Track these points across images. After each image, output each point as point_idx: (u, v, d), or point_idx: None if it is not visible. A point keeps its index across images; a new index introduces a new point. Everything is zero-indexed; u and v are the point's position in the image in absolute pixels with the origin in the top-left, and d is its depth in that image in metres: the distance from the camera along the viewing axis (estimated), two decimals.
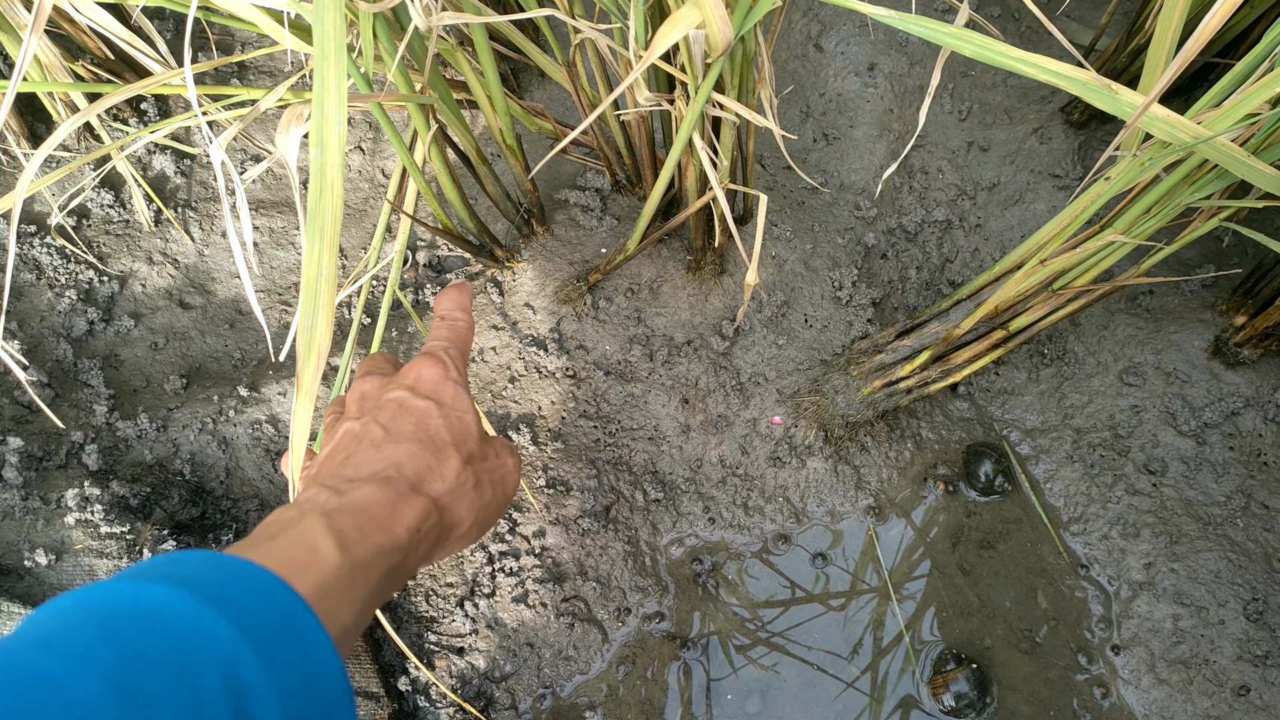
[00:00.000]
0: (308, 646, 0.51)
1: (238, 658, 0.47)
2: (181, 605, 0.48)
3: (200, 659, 0.45)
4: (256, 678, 0.47)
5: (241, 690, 0.46)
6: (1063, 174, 1.55)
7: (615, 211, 1.48)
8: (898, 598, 1.39)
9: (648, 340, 1.43)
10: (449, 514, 0.74)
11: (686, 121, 1.06)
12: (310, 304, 0.76)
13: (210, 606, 0.48)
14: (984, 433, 1.48)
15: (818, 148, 1.60)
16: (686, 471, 1.43)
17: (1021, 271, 1.22)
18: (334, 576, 0.58)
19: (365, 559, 0.61)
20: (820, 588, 1.40)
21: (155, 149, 1.54)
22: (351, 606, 0.58)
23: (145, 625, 0.46)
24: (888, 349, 1.37)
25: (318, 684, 0.50)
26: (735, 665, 1.36)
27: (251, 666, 0.47)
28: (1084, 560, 1.40)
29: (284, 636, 0.50)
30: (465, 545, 0.80)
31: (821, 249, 1.48)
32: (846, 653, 1.37)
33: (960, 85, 1.61)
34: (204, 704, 0.44)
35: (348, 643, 0.59)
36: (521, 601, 1.35)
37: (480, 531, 0.81)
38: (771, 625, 1.38)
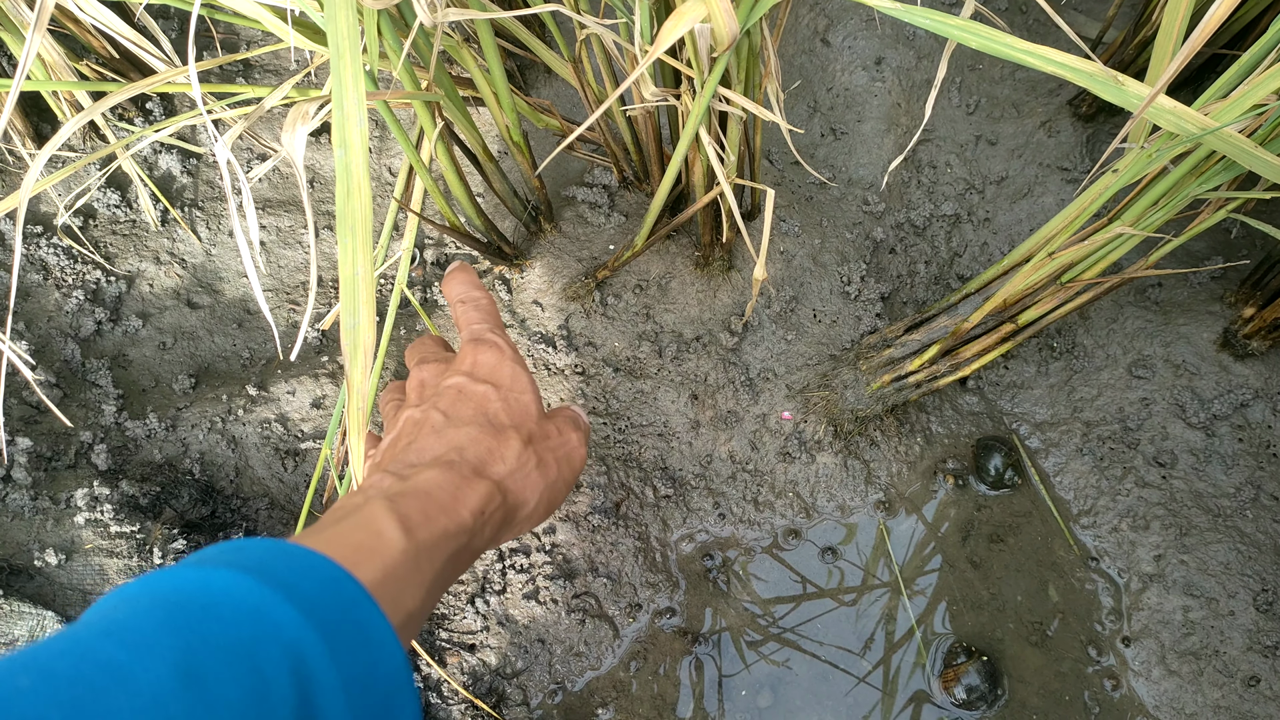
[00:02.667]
0: (369, 634, 0.51)
1: (303, 643, 0.47)
2: (247, 591, 0.48)
3: (266, 644, 0.46)
4: (322, 664, 0.47)
5: (307, 676, 0.46)
6: (1071, 167, 1.55)
7: (623, 208, 1.47)
8: (908, 592, 1.39)
9: (656, 336, 1.43)
10: (513, 495, 0.74)
11: (693, 116, 1.06)
12: (350, 303, 0.76)
13: (276, 592, 0.48)
14: (994, 426, 1.47)
15: (825, 143, 1.60)
16: (696, 467, 1.43)
17: (1030, 265, 1.22)
18: (399, 561, 0.58)
19: (429, 542, 0.61)
20: (831, 582, 1.40)
21: (161, 148, 1.54)
22: (417, 591, 0.59)
23: (211, 611, 0.46)
24: (896, 343, 1.37)
25: (379, 671, 0.51)
26: (747, 660, 1.36)
27: (317, 652, 0.47)
28: (1094, 553, 1.39)
29: (348, 624, 0.50)
30: (534, 525, 0.80)
31: (830, 244, 1.48)
32: (858, 647, 1.37)
33: (968, 79, 1.61)
34: (270, 689, 0.44)
35: (414, 627, 0.59)
36: (532, 598, 1.35)
37: (548, 510, 0.81)
38: (783, 620, 1.38)
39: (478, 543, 0.68)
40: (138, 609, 0.45)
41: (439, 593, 0.64)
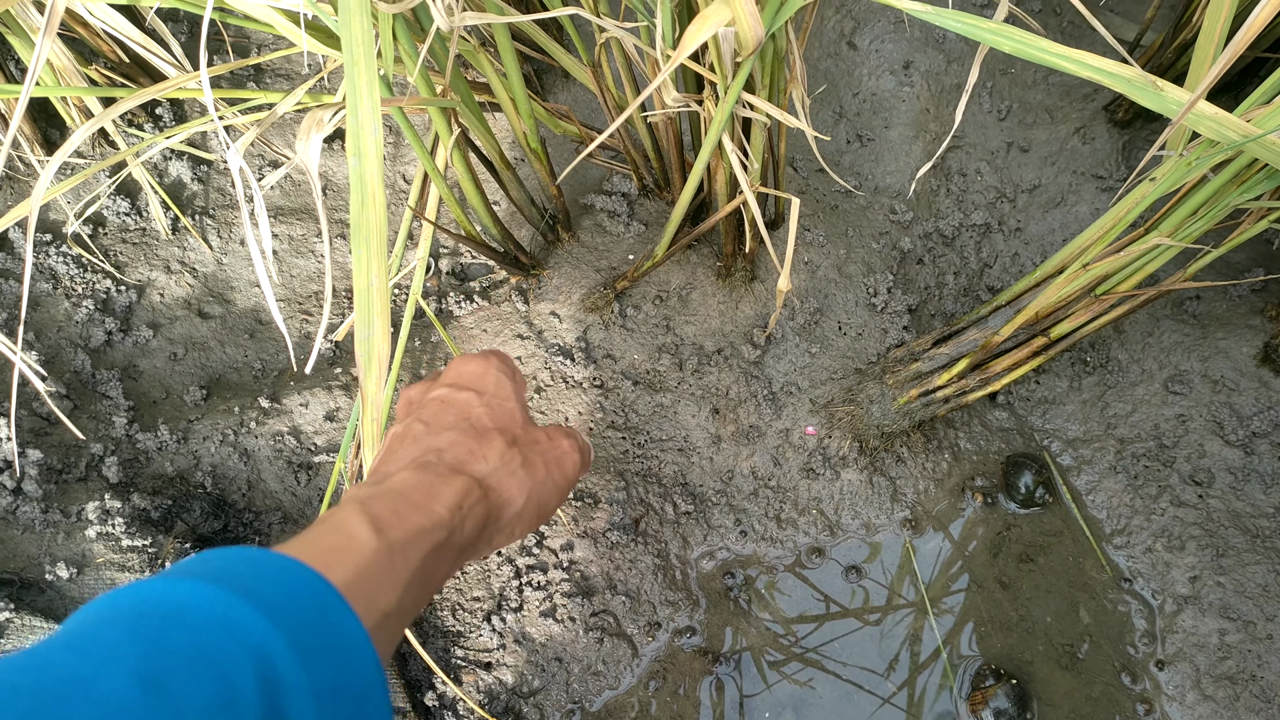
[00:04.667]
0: (340, 636, 0.51)
1: (270, 648, 0.46)
2: (211, 599, 0.48)
3: (231, 650, 0.45)
4: (289, 667, 0.46)
5: (274, 680, 0.46)
6: (1106, 175, 1.50)
7: (643, 217, 1.44)
8: (935, 612, 1.35)
9: (677, 349, 1.40)
10: (496, 493, 0.72)
11: (716, 123, 1.03)
12: (365, 314, 0.75)
13: (241, 599, 0.48)
14: (1024, 443, 1.43)
15: (852, 149, 1.56)
16: (717, 483, 1.39)
17: (1063, 276, 1.18)
18: (371, 560, 0.57)
19: (403, 540, 0.60)
20: (855, 602, 1.36)
21: (171, 155, 1.51)
22: (393, 589, 0.57)
23: (174, 621, 0.46)
24: (924, 357, 1.33)
25: (350, 673, 0.50)
26: (768, 680, 1.33)
27: (284, 656, 0.46)
28: (1127, 574, 1.35)
29: (317, 627, 0.50)
30: (527, 527, 0.77)
31: (856, 254, 1.44)
32: (882, 668, 1.33)
33: (1000, 83, 1.57)
34: (236, 695, 0.44)
35: (394, 627, 0.58)
36: (549, 616, 1.32)
37: (540, 513, 0.78)
38: (805, 640, 1.35)
39: (459, 539, 0.65)
40: (101, 621, 0.45)
41: (421, 593, 0.62)
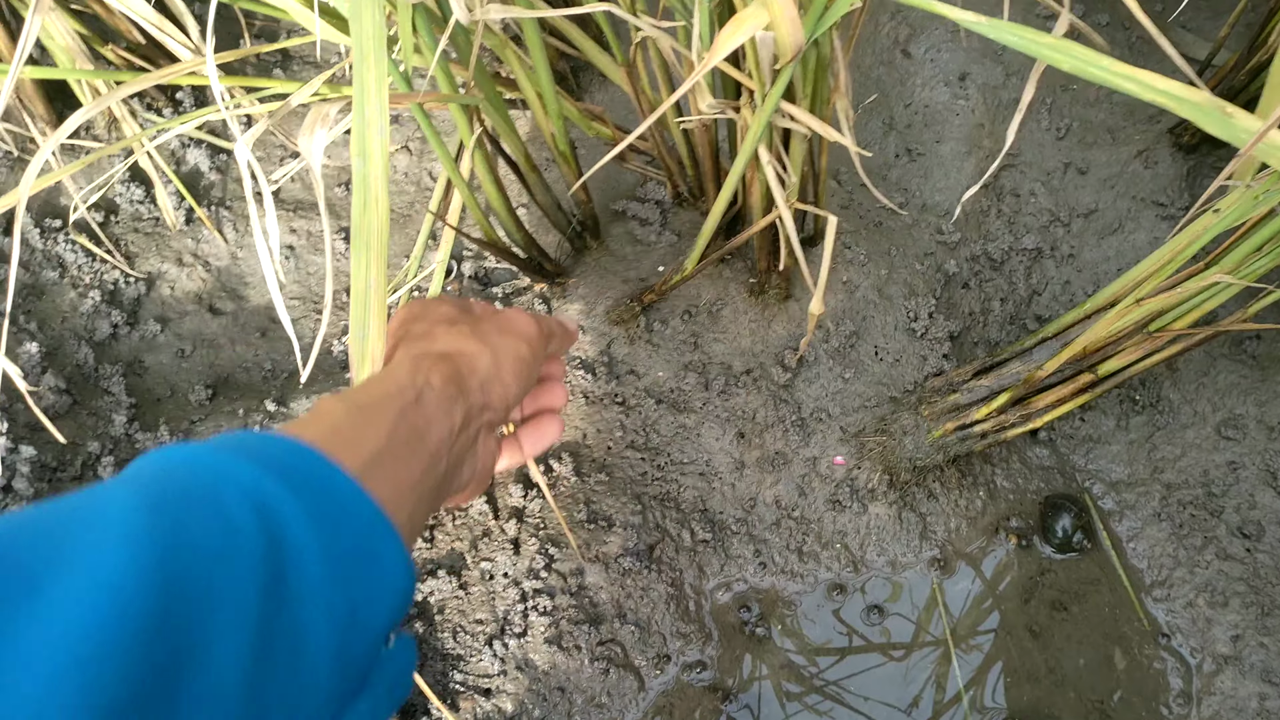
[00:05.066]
0: (325, 482, 0.50)
1: (261, 485, 0.46)
2: (199, 452, 0.48)
3: (226, 486, 0.45)
4: (283, 498, 0.46)
5: (270, 510, 0.45)
6: (1167, 203, 1.42)
7: (676, 226, 1.38)
8: (960, 658, 1.28)
9: (704, 368, 1.34)
10: (453, 356, 0.69)
11: (752, 132, 0.98)
12: (360, 316, 0.72)
13: (228, 452, 0.48)
14: (1064, 483, 1.36)
15: (900, 163, 1.49)
16: (738, 511, 1.33)
17: (1115, 311, 1.11)
18: (342, 419, 0.57)
19: (369, 402, 0.60)
20: (876, 644, 1.29)
21: (190, 142, 1.47)
22: (375, 435, 0.57)
23: (167, 472, 0.46)
24: (963, 388, 1.26)
25: (343, 512, 0.49)
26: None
27: (275, 491, 0.46)
28: (1165, 628, 1.27)
29: (302, 471, 0.49)
30: (512, 387, 0.72)
31: (898, 275, 1.37)
32: (902, 715, 1.26)
33: (1060, 100, 1.49)
34: (232, 520, 0.43)
35: (394, 470, 0.57)
36: (555, 643, 1.26)
37: (518, 369, 0.73)
38: (822, 680, 1.28)
39: (433, 396, 0.63)
40: (92, 493, 0.43)
41: (415, 443, 0.60)
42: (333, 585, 0.46)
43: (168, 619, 0.37)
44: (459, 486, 0.68)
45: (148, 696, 0.36)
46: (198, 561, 0.40)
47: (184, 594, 0.39)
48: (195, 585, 0.39)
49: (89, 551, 0.37)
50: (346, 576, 0.47)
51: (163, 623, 0.37)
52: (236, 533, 0.42)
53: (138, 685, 0.36)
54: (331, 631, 0.45)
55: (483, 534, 1.30)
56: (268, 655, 0.41)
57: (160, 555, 0.39)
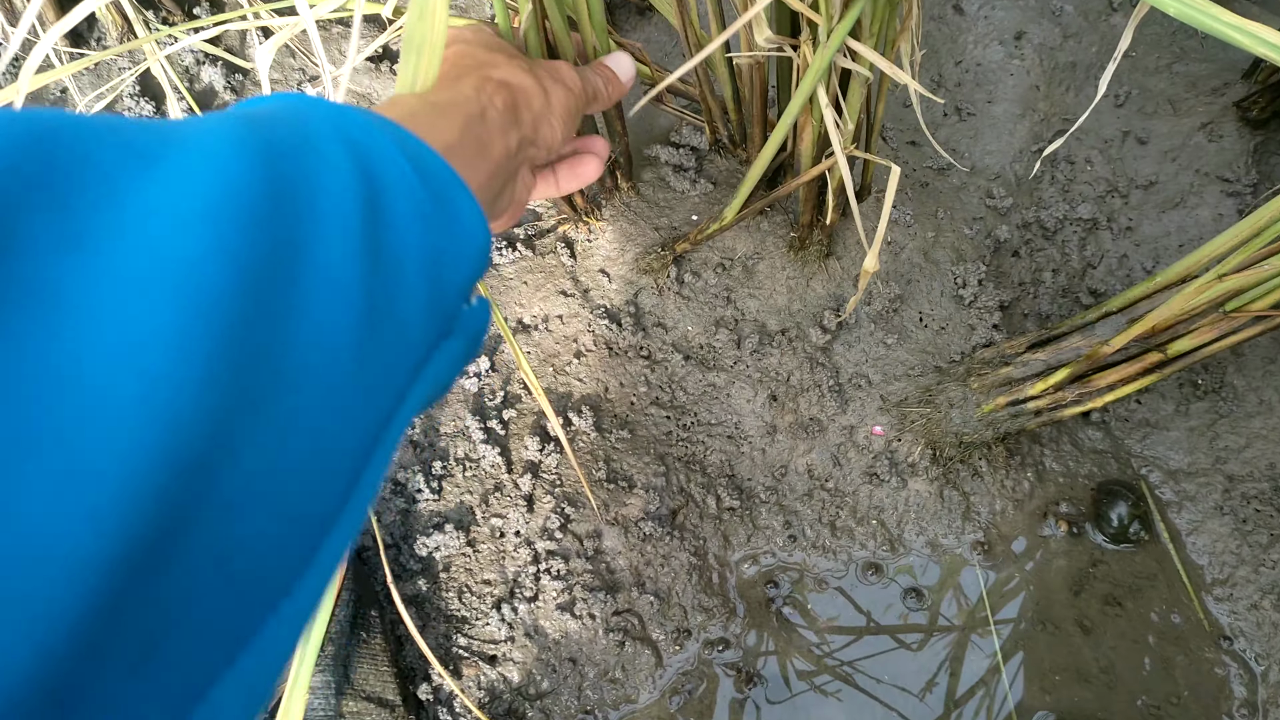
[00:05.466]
0: (402, 136, 0.51)
1: (343, 123, 0.47)
2: (280, 97, 0.50)
3: (312, 118, 0.46)
4: (370, 137, 0.47)
5: (357, 144, 0.46)
6: (1233, 178, 1.34)
7: (711, 174, 1.29)
8: (1004, 653, 1.19)
9: (736, 324, 1.25)
10: (510, 84, 0.70)
11: (812, 70, 0.89)
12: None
13: (306, 100, 0.49)
14: (1119, 469, 1.27)
15: (948, 122, 1.40)
16: (768, 479, 1.24)
17: (1193, 286, 1.02)
18: (417, 108, 0.59)
19: (440, 102, 0.62)
20: (913, 631, 1.21)
21: (205, 59, 1.37)
22: (449, 128, 0.60)
23: (253, 107, 0.46)
24: (1017, 362, 1.18)
25: (420, 163, 0.49)
26: (809, 710, 1.18)
27: (360, 130, 0.47)
28: (1228, 631, 1.19)
29: (382, 123, 0.50)
30: (562, 123, 0.75)
31: (945, 238, 1.28)
32: (940, 709, 1.18)
33: (1119, 66, 1.40)
34: (322, 146, 0.44)
35: (467, 166, 0.59)
36: (567, 610, 1.17)
37: (566, 111, 0.76)
38: (854, 668, 1.20)
39: (494, 116, 0.66)
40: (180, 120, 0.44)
41: (481, 150, 0.63)
42: (421, 224, 0.46)
43: (280, 205, 0.38)
44: (498, 213, 0.70)
45: (274, 267, 0.37)
46: (298, 169, 0.40)
47: (291, 189, 0.39)
48: (299, 186, 0.40)
49: (198, 138, 0.38)
50: (431, 219, 0.47)
51: (276, 207, 0.38)
52: (326, 156, 0.43)
53: (263, 252, 0.36)
54: (424, 265, 0.46)
55: (494, 488, 1.21)
56: (376, 260, 0.42)
57: (264, 151, 0.39)
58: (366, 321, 0.41)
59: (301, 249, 0.38)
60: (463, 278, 0.50)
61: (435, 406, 1.24)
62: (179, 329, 0.32)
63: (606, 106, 0.88)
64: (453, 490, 1.21)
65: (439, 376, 0.49)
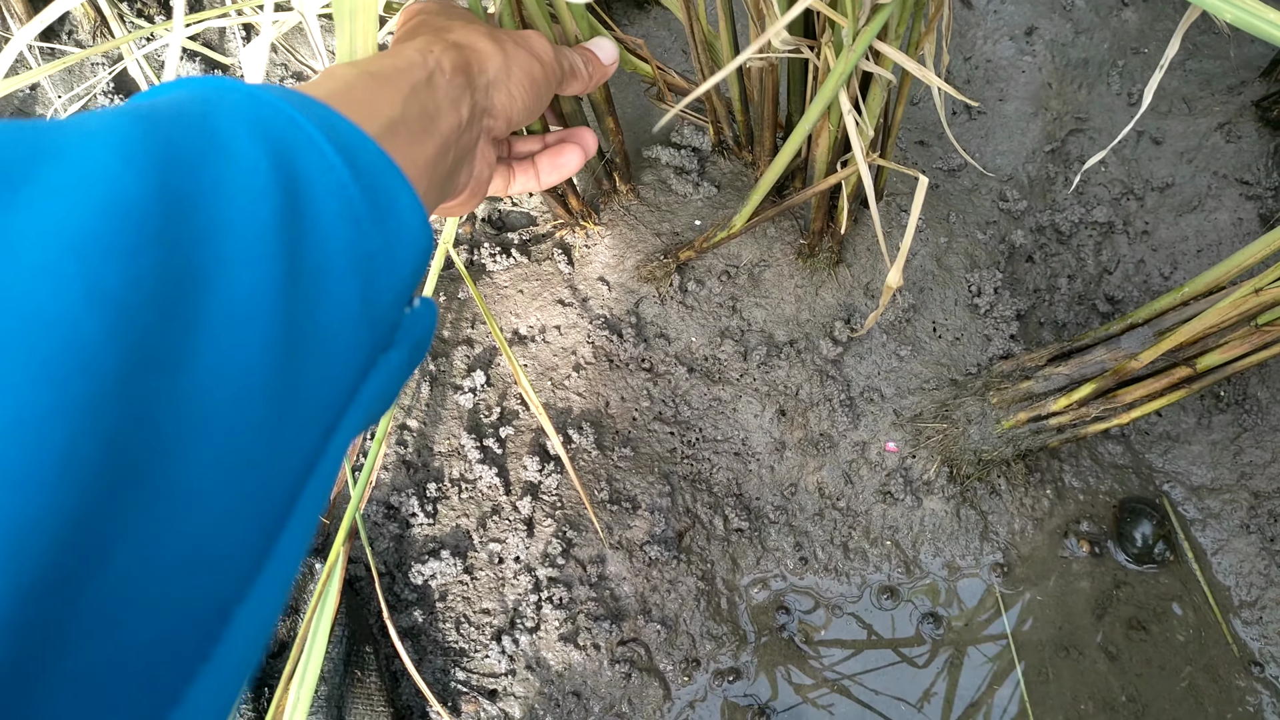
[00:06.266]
0: (329, 120, 0.45)
1: (262, 112, 0.41)
2: (188, 83, 0.45)
3: (221, 109, 0.40)
4: (295, 122, 0.42)
5: (272, 133, 0.40)
6: (1253, 181, 1.29)
7: (715, 177, 1.23)
8: (1026, 682, 1.15)
9: (742, 335, 1.19)
10: (463, 46, 0.65)
11: (835, 74, 0.84)
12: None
13: (222, 84, 0.44)
14: (1140, 485, 1.23)
15: (958, 121, 1.35)
16: (777, 498, 1.19)
17: (1228, 301, 0.97)
18: (353, 81, 0.53)
19: (379, 71, 0.56)
20: (931, 657, 1.16)
21: (183, 55, 1.30)
22: (389, 102, 0.53)
23: (157, 98, 0.41)
24: (1038, 375, 1.13)
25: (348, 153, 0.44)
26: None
27: (283, 114, 0.42)
28: (1258, 656, 1.15)
29: (307, 106, 0.44)
30: (522, 90, 0.69)
31: (958, 244, 1.23)
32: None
33: (1131, 64, 1.36)
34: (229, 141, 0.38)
35: (410, 145, 0.53)
36: (570, 641, 1.12)
37: (528, 78, 0.69)
38: (869, 698, 1.15)
39: (442, 80, 0.59)
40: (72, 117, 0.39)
41: (427, 123, 0.56)
42: (352, 226, 0.42)
43: (175, 225, 0.33)
44: (455, 190, 0.65)
45: (164, 307, 0.32)
46: (199, 176, 0.36)
47: (190, 202, 0.35)
48: (201, 197, 0.35)
49: (79, 146, 0.33)
50: (363, 219, 0.42)
51: (169, 227, 0.33)
52: (236, 155, 0.38)
53: (149, 290, 0.31)
54: (353, 272, 0.41)
55: (492, 510, 1.15)
56: (295, 277, 0.37)
57: (157, 157, 0.34)
58: (283, 354, 0.36)
59: (201, 277, 0.34)
60: (401, 282, 0.45)
61: (428, 423, 1.18)
62: (31, 416, 0.27)
63: (587, 88, 0.82)
64: (448, 514, 1.15)
65: (378, 397, 0.44)
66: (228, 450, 0.33)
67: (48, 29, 1.28)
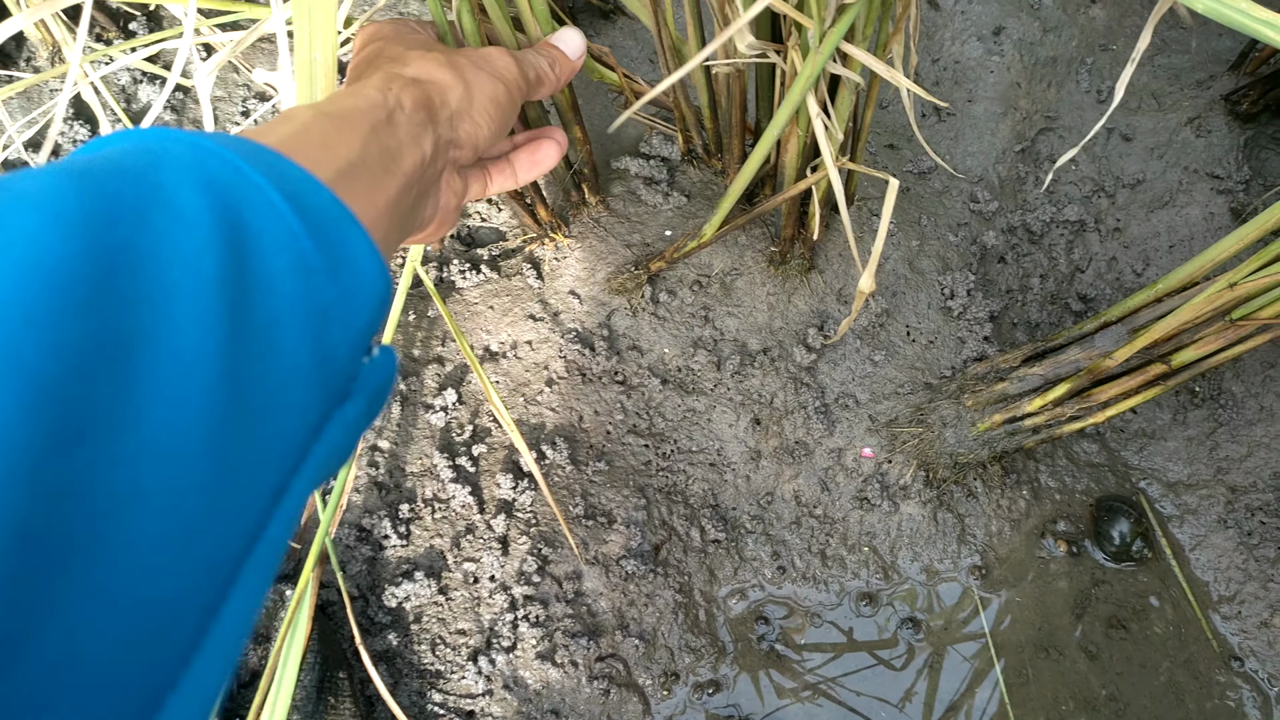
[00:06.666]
0: (281, 168, 0.44)
1: (208, 165, 0.40)
2: (133, 135, 0.43)
3: (166, 163, 0.39)
4: (241, 182, 0.40)
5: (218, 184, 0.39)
6: (1224, 175, 1.29)
7: (685, 186, 1.23)
8: (1007, 683, 1.14)
9: (715, 344, 1.19)
10: (424, 81, 0.64)
11: (802, 78, 0.83)
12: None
13: (170, 137, 0.42)
14: (1117, 483, 1.22)
15: (928, 124, 1.34)
16: (754, 507, 1.18)
17: (1203, 296, 0.97)
18: (309, 123, 0.52)
19: (338, 112, 0.55)
20: (911, 663, 1.16)
21: (142, 77, 1.29)
22: (348, 144, 0.52)
23: (96, 152, 0.39)
24: (1012, 377, 1.12)
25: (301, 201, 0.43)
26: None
27: (230, 164, 0.41)
28: (1237, 651, 1.15)
29: (257, 155, 0.43)
30: (486, 117, 0.68)
31: (930, 247, 1.23)
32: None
33: (1100, 60, 1.35)
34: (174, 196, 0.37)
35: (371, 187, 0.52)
36: (547, 658, 1.11)
37: (494, 104, 0.69)
38: (850, 703, 1.14)
39: (403, 118, 0.58)
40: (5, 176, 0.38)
41: (388, 162, 0.55)
42: (304, 278, 0.40)
43: (107, 288, 0.32)
44: (420, 224, 0.64)
45: (91, 375, 0.30)
46: (137, 233, 0.34)
47: (126, 263, 0.33)
48: (138, 257, 0.34)
49: (2, 209, 0.32)
50: (315, 271, 0.41)
51: (100, 291, 0.32)
52: (180, 209, 0.37)
53: (73, 359, 0.30)
54: (305, 326, 0.40)
55: (466, 530, 1.15)
56: (241, 337, 0.36)
57: (91, 217, 0.33)
58: (226, 418, 0.35)
59: (136, 341, 0.32)
60: (357, 332, 0.44)
61: (400, 443, 1.17)
62: None
63: (555, 89, 0.81)
64: (422, 534, 1.15)
65: (333, 453, 0.43)
66: (165, 521, 0.32)
67: (4, 55, 1.27)
